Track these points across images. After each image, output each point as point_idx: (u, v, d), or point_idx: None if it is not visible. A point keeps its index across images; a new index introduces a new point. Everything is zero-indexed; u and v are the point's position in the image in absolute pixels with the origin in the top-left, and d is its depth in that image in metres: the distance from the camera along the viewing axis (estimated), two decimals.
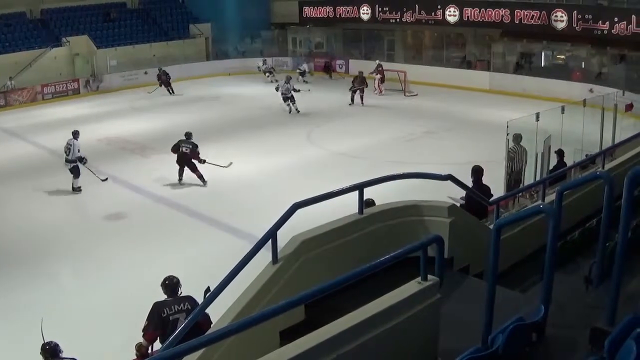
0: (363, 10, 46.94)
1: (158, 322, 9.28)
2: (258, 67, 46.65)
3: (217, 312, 7.33)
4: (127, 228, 19.43)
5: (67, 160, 22.48)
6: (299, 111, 34.05)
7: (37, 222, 20.26)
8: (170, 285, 9.63)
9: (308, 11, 51.46)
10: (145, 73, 46.65)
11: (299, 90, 33.78)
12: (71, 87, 45.55)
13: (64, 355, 8.70)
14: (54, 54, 46.75)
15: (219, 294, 7.26)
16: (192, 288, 9.66)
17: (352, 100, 35.88)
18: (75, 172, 22.48)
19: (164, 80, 42.31)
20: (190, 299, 9.53)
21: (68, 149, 22.37)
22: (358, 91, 35.90)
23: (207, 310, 7.87)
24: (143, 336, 9.36)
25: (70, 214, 20.80)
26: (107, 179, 22.99)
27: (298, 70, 45.29)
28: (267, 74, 45.20)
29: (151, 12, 53.76)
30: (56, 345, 8.73)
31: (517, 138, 17.78)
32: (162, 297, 9.57)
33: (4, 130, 33.99)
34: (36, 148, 29.65)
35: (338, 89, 40.46)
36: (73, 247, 18.19)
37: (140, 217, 20.21)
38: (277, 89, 35.25)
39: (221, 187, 22.22)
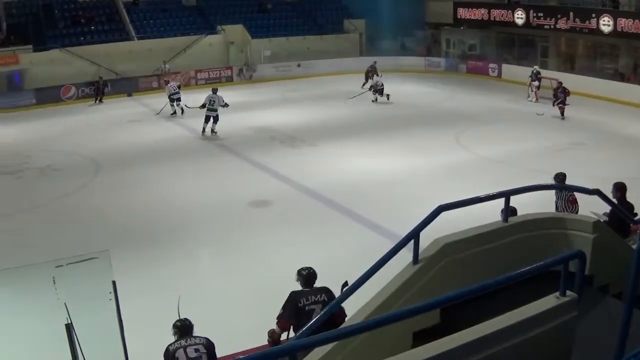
0: (517, 14, 45.91)
1: (293, 312, 9.27)
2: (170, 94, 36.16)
3: (352, 307, 7.42)
4: (271, 216, 19.85)
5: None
6: (214, 132, 30.22)
7: (185, 202, 21.10)
8: (307, 276, 9.63)
9: (462, 12, 50.73)
10: (299, 65, 47.16)
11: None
12: (224, 74, 46.57)
13: (195, 333, 8.91)
14: (209, 41, 47.92)
15: (356, 289, 7.30)
16: (329, 280, 9.70)
17: (563, 114, 32.74)
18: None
19: (100, 89, 40.97)
20: (327, 291, 9.49)
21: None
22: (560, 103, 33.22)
23: (342, 304, 7.95)
24: (277, 323, 9.36)
25: (218, 197, 21.33)
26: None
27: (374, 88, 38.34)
28: (172, 103, 35.88)
29: (306, 5, 54.35)
30: (189, 322, 8.93)
31: (561, 181, 14.91)
32: (298, 286, 9.68)
33: (157, 112, 35.37)
34: (187, 131, 30.44)
35: (496, 92, 39.99)
36: (217, 230, 18.78)
37: (284, 206, 20.60)
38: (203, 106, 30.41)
39: (366, 183, 22.31)
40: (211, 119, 29.94)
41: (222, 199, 21.19)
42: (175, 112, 35.54)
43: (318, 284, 9.64)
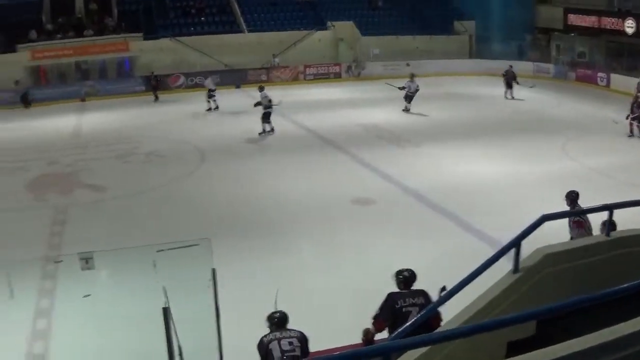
0: (628, 23, 44.41)
1: (390, 313, 9.21)
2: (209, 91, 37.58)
3: (448, 311, 7.42)
4: (374, 214, 19.88)
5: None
6: (272, 131, 30.35)
7: (288, 196, 21.44)
8: (407, 277, 9.59)
9: (572, 19, 49.45)
10: (407, 65, 47.01)
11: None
12: (333, 70, 46.93)
13: (290, 326, 8.95)
14: (319, 36, 48.44)
15: (454, 294, 7.30)
16: (425, 282, 9.66)
17: (632, 131, 30.28)
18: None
19: (153, 85, 41.37)
20: (424, 294, 9.40)
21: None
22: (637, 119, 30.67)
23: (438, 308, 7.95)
24: (373, 323, 9.30)
25: (321, 192, 21.56)
26: None
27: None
28: (209, 99, 37.30)
29: (417, 4, 53.93)
30: (285, 315, 9.00)
31: (573, 199, 14.12)
32: (396, 287, 9.61)
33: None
34: (295, 126, 30.69)
35: (604, 102, 39.11)
36: (319, 225, 18.95)
37: (387, 205, 20.60)
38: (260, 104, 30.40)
39: (469, 186, 22.15)
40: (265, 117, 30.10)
41: (326, 194, 21.39)
42: (210, 109, 36.80)
43: (418, 286, 9.63)
